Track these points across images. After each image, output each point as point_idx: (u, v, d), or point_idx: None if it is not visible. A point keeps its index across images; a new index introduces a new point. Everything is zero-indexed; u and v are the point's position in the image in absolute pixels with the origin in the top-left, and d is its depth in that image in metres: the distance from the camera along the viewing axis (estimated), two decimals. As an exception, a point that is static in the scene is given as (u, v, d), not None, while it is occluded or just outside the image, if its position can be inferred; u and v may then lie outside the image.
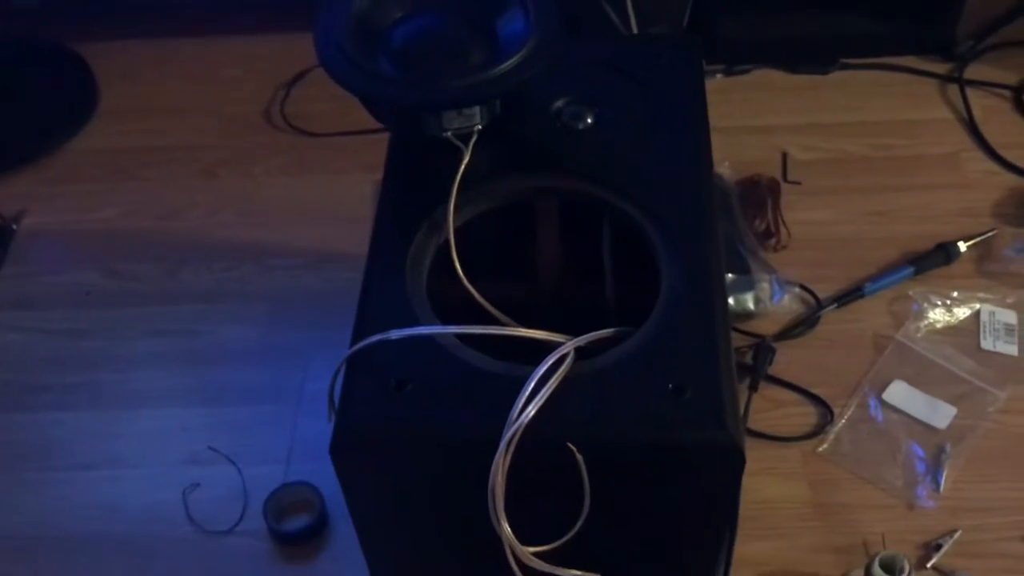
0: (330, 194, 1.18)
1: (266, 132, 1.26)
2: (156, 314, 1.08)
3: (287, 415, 0.98)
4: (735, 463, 0.58)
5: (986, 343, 0.99)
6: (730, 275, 1.02)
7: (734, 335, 1.00)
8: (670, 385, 0.59)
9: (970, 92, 1.24)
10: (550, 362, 0.60)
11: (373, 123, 0.74)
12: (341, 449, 0.60)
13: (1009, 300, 1.02)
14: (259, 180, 1.21)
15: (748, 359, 0.98)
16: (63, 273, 1.13)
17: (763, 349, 0.97)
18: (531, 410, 0.58)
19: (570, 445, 0.58)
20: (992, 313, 1.01)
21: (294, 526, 0.89)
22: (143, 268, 1.13)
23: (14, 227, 1.17)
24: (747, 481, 0.90)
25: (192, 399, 1.01)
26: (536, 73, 0.67)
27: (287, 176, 1.21)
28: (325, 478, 0.91)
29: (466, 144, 0.69)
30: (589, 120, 0.75)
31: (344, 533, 0.89)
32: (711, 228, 0.69)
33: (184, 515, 0.91)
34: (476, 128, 0.69)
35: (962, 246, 1.05)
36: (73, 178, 1.22)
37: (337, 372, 0.63)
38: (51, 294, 1.11)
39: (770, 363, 0.97)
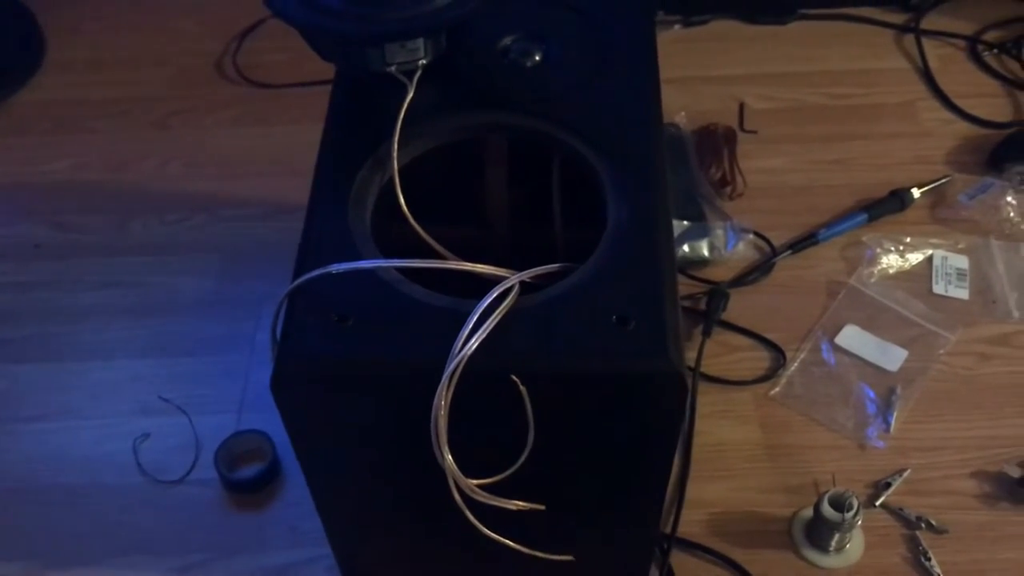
0: (282, 145, 1.16)
1: (218, 84, 1.24)
2: (107, 266, 1.07)
3: (239, 365, 0.97)
4: (677, 391, 0.58)
5: (938, 287, 1.00)
6: (685, 222, 1.02)
7: (689, 282, 1.01)
8: (614, 316, 0.59)
9: (926, 42, 1.24)
10: (494, 295, 0.59)
11: (325, 74, 0.72)
12: (282, 383, 0.59)
13: (961, 245, 1.03)
14: (211, 131, 1.19)
15: (701, 305, 0.98)
16: (12, 226, 1.11)
17: (716, 295, 0.97)
18: (474, 342, 0.57)
19: (514, 377, 0.57)
20: (944, 258, 1.02)
21: (245, 474, 0.88)
22: (93, 220, 1.11)
23: (-40, 180, 1.14)
24: (700, 424, 0.91)
25: (143, 350, 0.99)
26: (480, 6, 0.66)
27: (239, 127, 1.19)
28: (278, 427, 0.89)
29: (411, 79, 0.68)
30: (537, 57, 0.74)
31: (296, 481, 0.88)
32: (658, 164, 0.68)
33: (135, 465, 0.90)
34: (421, 63, 0.68)
35: (915, 193, 1.06)
36: (21, 131, 1.20)
37: (279, 308, 0.62)
38: (0, 247, 1.09)
39: (723, 309, 0.97)
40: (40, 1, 1.32)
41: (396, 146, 0.66)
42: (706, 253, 1.01)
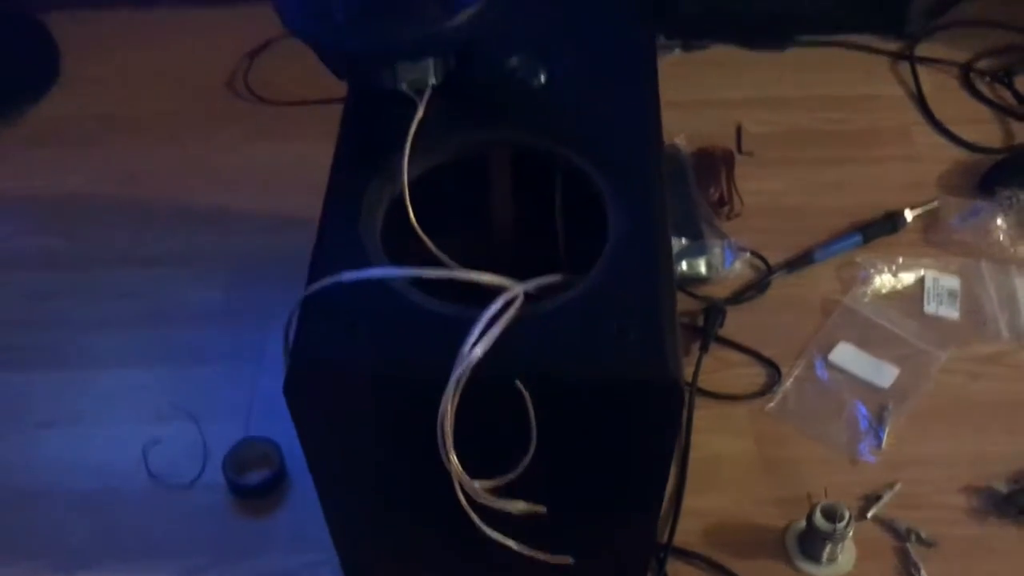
0: (292, 161, 1.18)
1: (229, 101, 1.27)
2: (119, 277, 1.09)
3: (248, 374, 0.99)
4: (675, 399, 0.61)
5: (929, 308, 1.02)
6: (684, 241, 1.05)
7: (687, 299, 1.03)
8: (614, 327, 0.62)
9: (920, 69, 1.27)
10: (500, 304, 0.62)
11: (335, 93, 0.75)
12: (294, 388, 0.61)
13: (952, 267, 1.05)
14: (222, 147, 1.21)
15: (700, 322, 1.00)
16: (27, 237, 1.14)
17: (714, 312, 1.00)
18: (480, 349, 0.60)
19: (517, 383, 0.60)
20: (936, 279, 1.04)
21: (252, 480, 0.90)
22: (106, 232, 1.13)
23: (-25, 192, 1.17)
24: (697, 438, 0.93)
25: (154, 359, 1.02)
26: (489, 27, 0.69)
27: (250, 143, 1.22)
28: (285, 435, 0.92)
29: (421, 97, 0.71)
30: (542, 77, 0.77)
31: (303, 487, 0.91)
32: (658, 181, 0.71)
33: (144, 471, 0.92)
34: (431, 82, 0.71)
35: (908, 215, 1.09)
36: (37, 144, 1.23)
37: (292, 315, 0.64)
38: (15, 257, 1.12)
39: (720, 325, 1.00)
40: (56, 17, 1.36)
41: (406, 161, 0.69)
42: (704, 271, 1.04)
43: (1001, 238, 1.06)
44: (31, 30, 1.34)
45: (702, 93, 1.25)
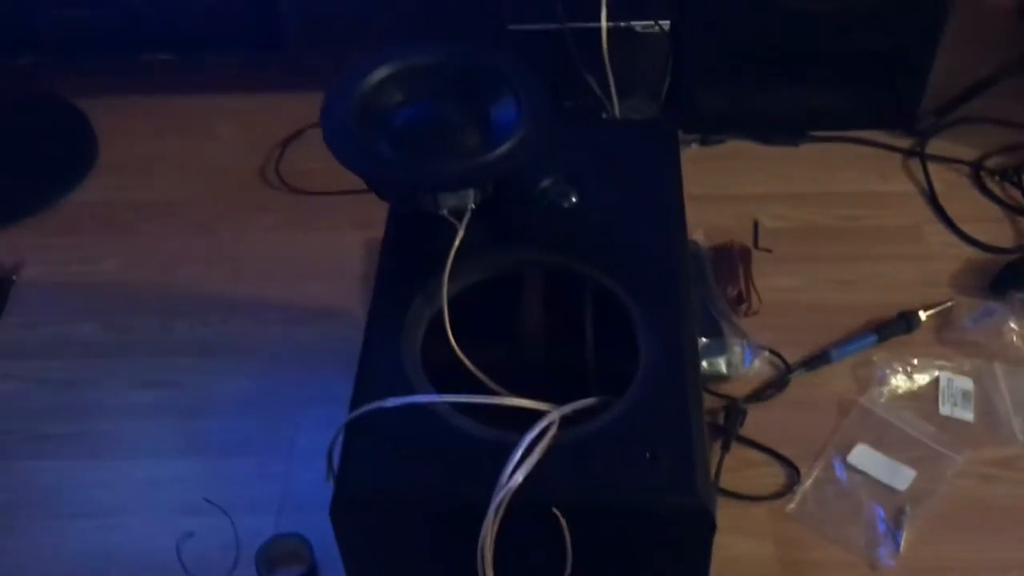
0: (322, 251, 1.22)
1: (261, 189, 1.30)
2: (151, 366, 1.12)
3: (278, 467, 1.01)
4: (706, 527, 0.63)
5: (944, 409, 1.05)
6: (704, 339, 1.08)
7: (707, 397, 1.06)
8: (647, 454, 0.64)
9: (931, 167, 1.31)
10: (536, 431, 0.64)
11: (364, 184, 0.78)
12: (340, 511, 0.64)
13: (966, 368, 1.08)
14: (253, 236, 1.25)
15: (720, 420, 1.03)
16: (61, 324, 1.16)
17: (734, 411, 1.02)
18: (519, 477, 0.62)
19: (554, 510, 0.62)
20: (950, 380, 1.07)
21: (284, 577, 0.92)
22: (139, 320, 1.16)
23: (13, 278, 1.20)
24: (717, 538, 0.94)
25: (186, 450, 1.04)
26: (526, 159, 0.73)
27: (281, 232, 1.25)
28: (315, 529, 0.94)
29: (460, 221, 0.74)
30: (573, 199, 0.81)
31: (332, 584, 0.92)
32: (686, 303, 0.74)
33: (178, 564, 0.94)
34: (470, 207, 0.75)
35: (922, 315, 1.11)
36: (72, 230, 1.26)
37: (336, 436, 0.67)
38: (48, 344, 1.14)
39: (741, 424, 1.02)
40: (94, 104, 1.40)
41: (446, 286, 0.72)
42: (724, 370, 1.06)
43: (1014, 340, 1.08)
44: (70, 117, 1.38)
45: (719, 187, 1.29)
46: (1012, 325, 1.09)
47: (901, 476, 0.99)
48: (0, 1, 1.28)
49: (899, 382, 1.07)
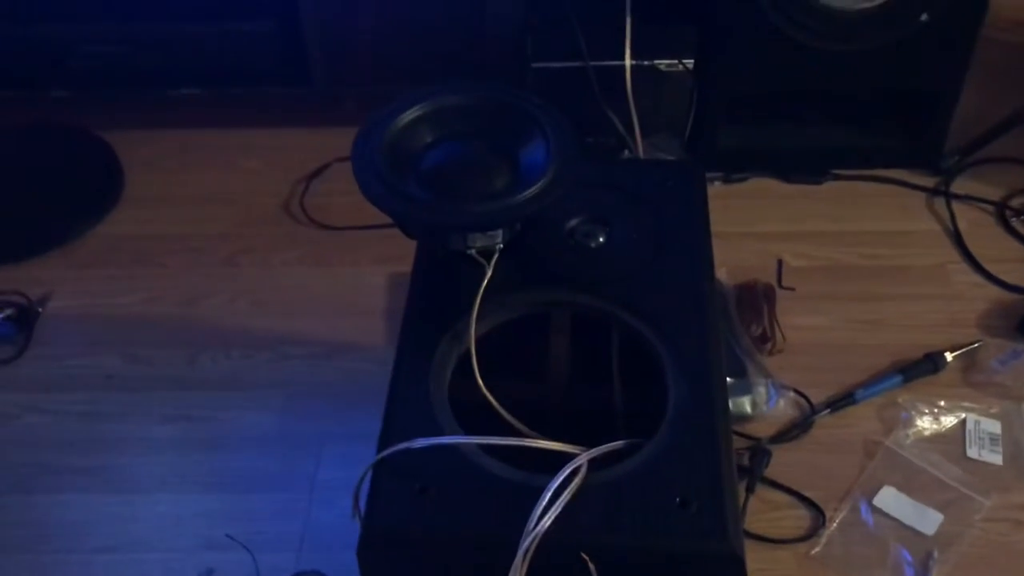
0: (346, 285, 1.23)
1: (285, 224, 1.31)
2: (174, 399, 1.12)
3: (299, 503, 1.01)
4: (737, 572, 0.62)
5: (972, 451, 1.04)
6: (728, 379, 1.07)
7: (732, 438, 1.05)
8: (677, 499, 0.64)
9: (956, 205, 1.31)
10: (565, 473, 0.64)
11: (388, 219, 0.78)
12: (367, 550, 0.64)
13: (993, 410, 1.07)
14: (277, 270, 1.26)
15: (745, 461, 1.02)
16: (85, 356, 1.17)
17: (759, 452, 1.01)
18: (547, 520, 0.62)
19: (583, 555, 0.62)
20: (977, 422, 1.06)
21: (305, 615, 0.92)
22: (163, 353, 1.17)
23: (39, 310, 1.21)
24: (743, 582, 0.94)
25: (207, 485, 1.04)
26: (554, 200, 0.73)
27: (304, 267, 1.26)
28: (335, 567, 0.94)
29: (488, 260, 0.75)
30: (601, 239, 0.81)
31: (353, 623, 0.92)
32: (715, 345, 0.74)
33: (199, 601, 0.94)
34: (498, 246, 0.75)
35: (948, 356, 1.10)
36: (98, 263, 1.27)
37: (363, 476, 0.67)
38: (73, 377, 1.15)
39: (766, 466, 1.01)
40: (120, 137, 1.42)
41: (474, 324, 0.72)
42: (749, 410, 1.06)
43: (1041, 382, 1.07)
44: (98, 150, 1.40)
45: (742, 225, 1.29)
46: (1039, 367, 1.08)
47: (928, 520, 0.97)
48: (34, 36, 1.31)
49: (925, 424, 1.06)
